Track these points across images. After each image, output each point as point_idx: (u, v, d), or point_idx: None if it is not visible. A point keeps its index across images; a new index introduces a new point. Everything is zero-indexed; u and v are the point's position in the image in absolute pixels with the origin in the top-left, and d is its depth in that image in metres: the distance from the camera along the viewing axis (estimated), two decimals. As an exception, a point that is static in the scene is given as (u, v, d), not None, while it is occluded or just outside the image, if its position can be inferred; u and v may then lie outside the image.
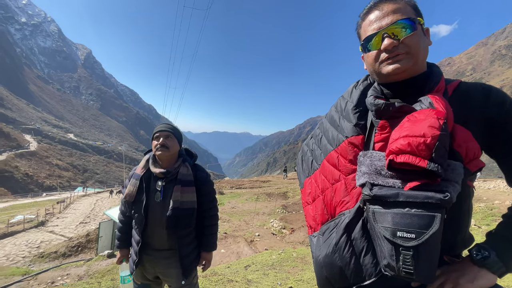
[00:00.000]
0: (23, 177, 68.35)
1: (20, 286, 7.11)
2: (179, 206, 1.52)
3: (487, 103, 0.68)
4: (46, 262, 10.86)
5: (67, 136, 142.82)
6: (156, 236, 1.56)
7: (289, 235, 8.79)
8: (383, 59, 0.72)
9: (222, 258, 6.31)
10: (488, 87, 0.71)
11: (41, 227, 16.84)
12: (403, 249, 0.56)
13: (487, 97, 0.69)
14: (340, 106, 0.89)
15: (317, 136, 0.97)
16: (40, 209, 21.07)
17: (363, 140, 0.76)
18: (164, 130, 1.59)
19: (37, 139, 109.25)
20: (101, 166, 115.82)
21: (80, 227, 16.86)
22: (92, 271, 7.81)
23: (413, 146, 0.57)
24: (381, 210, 0.61)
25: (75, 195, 32.28)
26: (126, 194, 1.58)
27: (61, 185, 77.07)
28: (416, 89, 0.72)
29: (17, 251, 12.42)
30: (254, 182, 25.90)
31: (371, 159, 0.68)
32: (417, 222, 0.55)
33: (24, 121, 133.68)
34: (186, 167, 1.61)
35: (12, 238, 14.41)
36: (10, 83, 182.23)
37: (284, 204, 13.69)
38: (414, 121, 0.61)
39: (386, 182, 0.63)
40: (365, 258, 0.67)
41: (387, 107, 0.69)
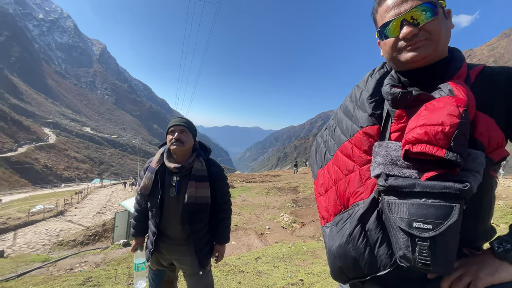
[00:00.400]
0: (43, 169, 71.26)
1: (40, 272, 7.46)
2: (194, 201, 1.54)
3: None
4: (65, 250, 11.29)
5: (84, 129, 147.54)
6: (171, 228, 1.60)
7: (299, 229, 8.80)
8: (401, 47, 0.69)
9: (233, 249, 6.41)
10: None
11: (60, 217, 17.54)
12: (419, 240, 0.55)
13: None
14: (355, 95, 0.87)
15: (331, 127, 0.96)
16: (59, 199, 21.93)
17: (378, 130, 0.75)
18: (179, 124, 1.59)
19: (55, 132, 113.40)
20: (116, 159, 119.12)
21: (97, 217, 17.43)
22: (109, 259, 8.12)
23: (430, 135, 0.55)
24: (397, 200, 0.59)
25: (92, 186, 33.44)
26: (141, 187, 1.61)
27: (78, 176, 79.96)
28: (435, 76, 0.69)
29: (37, 239, 12.94)
30: (264, 176, 25.94)
31: (387, 150, 0.66)
32: (434, 212, 0.54)
33: (43, 115, 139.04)
34: (200, 162, 1.62)
35: (32, 227, 15.02)
36: (29, 78, 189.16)
37: (294, 199, 13.68)
38: (432, 109, 0.59)
39: (402, 172, 0.61)
40: (379, 249, 0.66)
41: (404, 95, 0.66)
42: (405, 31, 0.66)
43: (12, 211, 18.02)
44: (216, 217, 1.72)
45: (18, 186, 50.50)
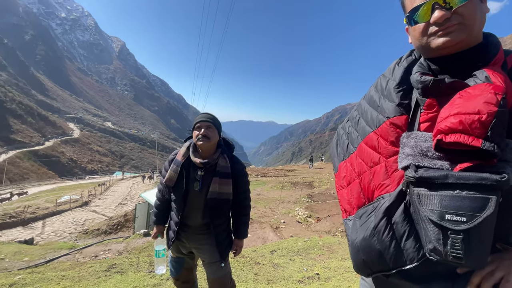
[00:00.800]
0: (68, 162, 75.01)
1: (67, 258, 7.94)
2: (217, 197, 1.60)
3: None
4: (89, 238, 11.87)
5: (105, 124, 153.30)
6: (192, 219, 1.67)
7: (315, 224, 8.76)
8: (432, 32, 0.66)
9: (248, 242, 6.50)
10: None
11: (85, 207, 18.43)
12: (452, 232, 0.53)
13: None
14: (380, 85, 0.84)
15: (354, 118, 0.93)
16: (84, 191, 23.02)
17: (406, 121, 0.72)
18: (206, 120, 1.63)
19: (79, 127, 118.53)
20: (136, 153, 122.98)
21: (119, 208, 18.15)
22: (130, 247, 8.50)
23: (465, 124, 0.53)
24: (427, 192, 0.57)
25: (114, 178, 34.85)
26: (166, 178, 1.66)
27: (101, 169, 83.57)
28: (469, 63, 0.66)
29: (64, 227, 13.65)
30: (279, 171, 25.90)
31: (416, 140, 0.64)
32: (468, 204, 0.52)
33: (68, 111, 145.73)
34: (224, 159, 1.66)
35: (59, 216, 15.87)
36: (54, 75, 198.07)
37: (309, 194, 13.59)
38: (467, 97, 0.56)
39: (433, 164, 0.59)
40: (406, 242, 0.64)
41: (435, 83, 0.64)
42: (437, 15, 0.63)
43: (40, 201, 19.13)
44: (236, 213, 1.78)
45: (46, 178, 53.56)
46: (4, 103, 78.08)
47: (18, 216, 14.54)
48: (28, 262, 7.10)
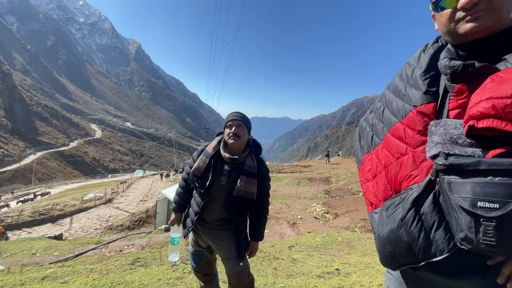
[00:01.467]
0: (92, 161, 78.65)
1: (94, 253, 8.35)
2: (242, 195, 1.61)
3: None
4: (114, 234, 12.41)
5: (125, 124, 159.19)
6: (211, 212, 1.68)
7: (333, 220, 8.66)
8: (460, 17, 0.65)
9: (266, 238, 6.54)
10: None
11: (108, 204, 19.27)
12: (484, 220, 0.53)
13: None
14: (406, 74, 0.82)
15: (378, 109, 0.92)
16: (107, 189, 24.09)
17: (434, 108, 0.71)
18: (236, 119, 1.65)
19: (101, 127, 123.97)
20: (155, 151, 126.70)
21: (141, 204, 18.80)
22: (153, 242, 8.82)
23: (498, 108, 0.52)
24: (459, 180, 0.56)
25: (135, 176, 36.10)
26: (194, 168, 1.68)
27: (122, 168, 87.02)
28: (498, 48, 0.64)
29: (90, 223, 14.36)
30: (294, 167, 25.72)
31: (445, 128, 0.63)
32: (502, 191, 0.51)
33: (90, 112, 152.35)
34: (252, 159, 1.69)
35: (85, 213, 16.68)
36: (76, 78, 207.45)
37: (326, 189, 13.42)
38: (499, 81, 0.55)
39: (464, 151, 0.58)
40: (436, 233, 0.63)
41: (465, 68, 0.62)
42: (464, 0, 0.63)
43: (67, 199, 20.23)
44: (255, 215, 1.79)
45: (71, 177, 56.59)
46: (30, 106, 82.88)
47: (47, 214, 15.48)
48: (58, 256, 7.54)
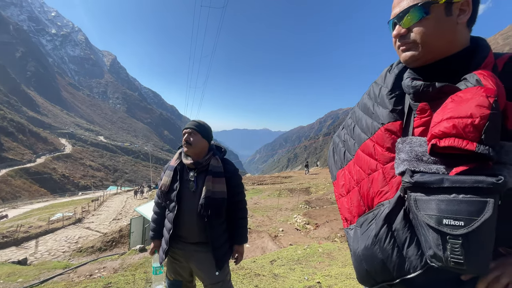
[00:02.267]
0: (61, 178, 73.49)
1: (62, 278, 7.64)
2: (211, 195, 1.58)
3: None
4: (84, 256, 11.53)
5: (97, 138, 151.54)
6: (187, 226, 1.60)
7: (314, 231, 8.69)
8: (397, 46, 0.72)
9: (247, 252, 6.39)
10: None
11: (78, 224, 17.93)
12: (450, 237, 0.52)
13: None
14: (373, 92, 0.85)
15: (349, 126, 0.93)
16: (77, 207, 22.49)
17: (401, 126, 0.72)
18: (188, 127, 1.68)
19: (71, 142, 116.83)
20: (130, 166, 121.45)
21: (113, 223, 17.74)
22: (126, 264, 8.26)
23: (459, 128, 0.53)
24: (424, 197, 0.57)
25: (107, 193, 34.17)
26: (161, 184, 1.68)
27: (94, 184, 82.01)
28: (456, 68, 0.67)
29: (57, 246, 13.23)
30: (275, 178, 25.80)
31: (411, 145, 0.64)
32: (466, 208, 0.51)
33: (59, 126, 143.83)
34: (216, 159, 1.70)
35: (53, 235, 15.39)
36: (45, 91, 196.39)
37: (307, 200, 13.54)
38: (459, 101, 0.57)
39: (429, 168, 0.59)
40: (408, 250, 0.62)
41: (426, 88, 0.64)
42: (394, 33, 0.70)
43: (33, 219, 18.62)
44: (233, 217, 1.75)
45: (38, 196, 52.32)
46: (-6, 121, 76.84)
47: (11, 236, 14.08)
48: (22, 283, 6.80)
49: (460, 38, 0.67)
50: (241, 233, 1.76)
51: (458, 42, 0.67)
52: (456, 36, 0.66)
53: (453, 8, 0.65)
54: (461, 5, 0.65)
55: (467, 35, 0.68)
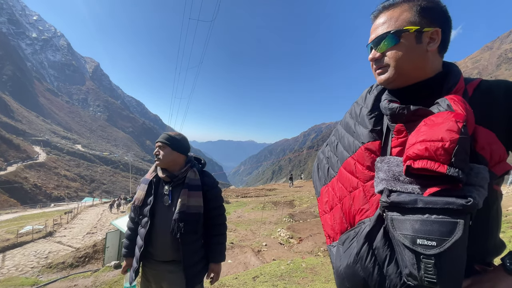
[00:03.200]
0: (32, 188, 69.19)
1: (28, 297, 7.08)
2: (186, 210, 1.51)
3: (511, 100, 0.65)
4: (54, 273, 10.83)
5: (75, 147, 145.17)
6: (160, 243, 1.53)
7: (297, 245, 8.64)
8: (373, 69, 0.76)
9: (230, 269, 6.22)
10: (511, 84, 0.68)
11: (49, 238, 16.89)
12: (424, 257, 0.54)
13: (511, 95, 0.65)
14: (354, 112, 0.88)
15: (332, 143, 0.96)
16: (48, 220, 21.21)
17: (380, 146, 0.75)
18: (158, 140, 1.66)
19: (46, 150, 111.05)
20: (108, 176, 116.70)
21: (87, 238, 16.86)
22: (99, 282, 7.76)
23: (431, 151, 0.55)
24: (400, 217, 0.58)
25: (82, 205, 32.47)
26: (135, 198, 1.62)
27: (68, 195, 77.73)
28: (430, 92, 0.71)
29: (26, 261, 12.49)
30: (259, 191, 25.67)
31: (389, 165, 0.66)
32: (437, 229, 0.53)
33: (34, 133, 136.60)
34: (193, 172, 1.64)
35: (21, 249, 14.48)
36: (20, 96, 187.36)
37: (291, 213, 13.52)
38: (432, 125, 0.59)
39: (405, 188, 0.60)
40: (388, 268, 0.63)
41: (402, 110, 0.67)
42: (369, 56, 0.76)
43: (0, 232, 17.37)
44: (210, 233, 1.67)
45: (6, 206, 48.73)
46: (-39, 126, 71.82)
47: (-27, 251, 13.02)
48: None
49: (431, 64, 0.70)
50: (218, 250, 1.67)
51: (429, 67, 0.70)
52: (427, 62, 0.70)
53: (423, 36, 0.68)
54: (431, 34, 0.69)
55: (438, 61, 0.72)
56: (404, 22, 0.69)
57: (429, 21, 0.68)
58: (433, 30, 0.69)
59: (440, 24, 0.69)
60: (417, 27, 0.68)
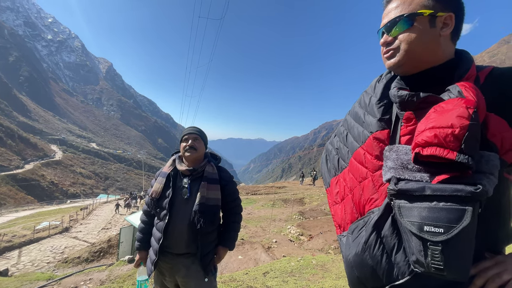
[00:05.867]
0: (49, 185, 71.64)
1: (45, 290, 7.33)
2: (205, 202, 1.54)
3: None
4: (69, 267, 11.15)
5: (90, 145, 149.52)
6: (177, 235, 1.54)
7: (307, 242, 8.58)
8: (382, 53, 0.76)
9: (240, 264, 6.24)
10: None
11: (65, 233, 17.47)
12: (431, 244, 0.54)
13: None
14: (364, 101, 0.87)
15: (341, 133, 0.95)
16: (65, 216, 21.90)
17: (388, 135, 0.74)
18: (193, 132, 1.67)
19: (62, 148, 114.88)
20: (122, 174, 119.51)
21: (102, 233, 17.32)
22: (114, 276, 7.96)
23: (440, 137, 0.54)
24: (407, 204, 0.58)
25: (97, 202, 33.42)
26: (152, 191, 1.62)
27: (84, 192, 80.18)
28: (441, 78, 0.69)
29: (42, 256, 12.84)
30: (269, 188, 25.65)
31: (397, 153, 0.65)
32: (445, 216, 0.53)
33: (51, 132, 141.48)
34: (211, 166, 1.68)
35: (37, 244, 14.93)
36: (37, 96, 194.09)
37: (301, 210, 13.43)
38: (441, 112, 0.58)
39: (413, 176, 0.60)
40: (396, 256, 0.64)
41: (411, 97, 0.67)
42: (381, 41, 0.75)
43: (17, 228, 18.01)
44: (226, 220, 1.73)
45: (24, 203, 50.68)
46: (-18, 126, 75.12)
47: (-8, 245, 13.57)
48: (-1, 297, 6.48)
49: (443, 49, 0.70)
50: (229, 236, 1.70)
51: (441, 52, 0.70)
52: (439, 46, 0.69)
53: (437, 21, 0.68)
54: (445, 19, 0.68)
55: (451, 48, 0.71)
56: (418, 6, 0.69)
57: (443, 5, 0.68)
58: (446, 15, 0.68)
59: (454, 10, 0.69)
60: (431, 11, 0.67)
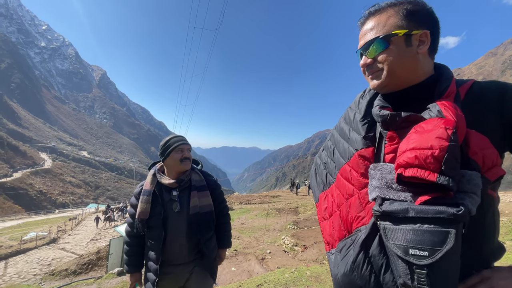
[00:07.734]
0: (37, 194, 69.69)
1: (31, 305, 7.03)
2: (199, 211, 1.54)
3: (503, 103, 0.63)
4: (56, 280, 10.77)
5: (80, 153, 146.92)
6: (176, 249, 1.51)
7: (302, 253, 8.50)
8: (366, 74, 0.76)
9: (233, 276, 6.13)
10: (502, 85, 0.66)
11: (52, 244, 16.92)
12: (416, 267, 0.53)
13: (502, 96, 0.64)
14: (348, 117, 0.87)
15: (329, 148, 0.94)
16: (52, 226, 21.29)
17: (373, 152, 0.74)
18: (186, 143, 1.63)
19: (52, 157, 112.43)
20: (113, 183, 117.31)
21: (91, 244, 16.83)
22: (102, 290, 7.69)
23: (420, 159, 0.54)
24: (392, 226, 0.57)
25: (87, 212, 32.63)
26: (139, 213, 1.52)
27: (73, 201, 78.08)
28: (422, 96, 0.70)
29: (28, 268, 12.43)
30: (263, 197, 25.50)
31: (382, 172, 0.65)
32: (429, 238, 0.52)
33: (40, 140, 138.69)
34: (197, 173, 1.67)
35: (24, 256, 14.47)
36: (28, 103, 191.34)
37: (295, 220, 13.36)
38: (422, 132, 0.58)
39: (398, 196, 0.60)
40: (385, 276, 0.62)
41: (393, 117, 0.66)
42: (361, 62, 0.75)
43: (4, 239, 17.49)
44: (218, 222, 1.75)
45: (11, 213, 49.14)
46: (-30, 133, 73.21)
47: (-24, 257, 13.06)
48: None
49: (422, 66, 0.70)
50: (226, 237, 1.77)
51: (420, 70, 0.70)
52: (418, 64, 0.69)
53: (412, 39, 0.68)
54: (420, 37, 0.68)
55: (429, 64, 0.71)
56: (392, 27, 0.69)
57: (416, 24, 0.68)
58: (421, 32, 0.68)
59: (428, 26, 0.69)
60: (405, 31, 0.68)
